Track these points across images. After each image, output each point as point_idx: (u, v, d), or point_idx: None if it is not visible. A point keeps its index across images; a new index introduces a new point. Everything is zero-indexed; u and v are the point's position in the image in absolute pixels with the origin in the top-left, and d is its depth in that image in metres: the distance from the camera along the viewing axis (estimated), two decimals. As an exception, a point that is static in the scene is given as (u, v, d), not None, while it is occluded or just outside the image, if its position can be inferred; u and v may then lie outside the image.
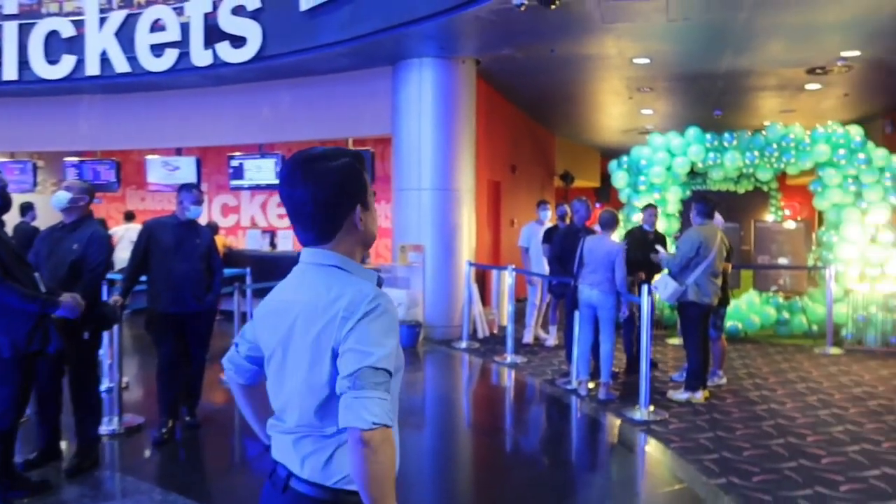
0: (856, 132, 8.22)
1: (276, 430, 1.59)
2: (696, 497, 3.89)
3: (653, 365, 5.77)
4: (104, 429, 4.63)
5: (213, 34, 8.32)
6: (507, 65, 8.46)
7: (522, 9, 5.95)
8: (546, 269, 8.17)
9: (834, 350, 7.81)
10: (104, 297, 4.56)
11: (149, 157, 10.74)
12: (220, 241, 9.00)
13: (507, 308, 7.80)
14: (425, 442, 5.16)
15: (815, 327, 8.46)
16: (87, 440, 4.20)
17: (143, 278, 4.74)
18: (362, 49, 7.73)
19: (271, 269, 8.20)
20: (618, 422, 5.28)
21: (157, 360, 4.79)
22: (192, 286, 4.66)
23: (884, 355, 7.65)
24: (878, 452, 4.60)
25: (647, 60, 8.30)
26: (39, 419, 4.22)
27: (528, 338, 8.16)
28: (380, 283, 1.56)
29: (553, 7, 5.88)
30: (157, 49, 8.66)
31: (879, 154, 8.09)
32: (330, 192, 1.52)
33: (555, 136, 14.89)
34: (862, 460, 4.45)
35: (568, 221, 7.49)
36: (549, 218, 8.41)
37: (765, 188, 14.69)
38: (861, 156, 8.09)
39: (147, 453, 4.59)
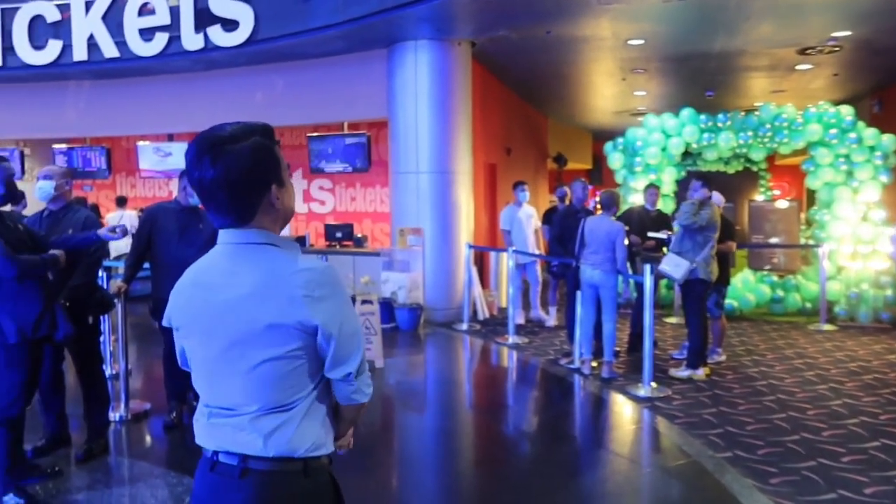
0: (847, 112, 8.29)
1: (219, 417, 1.52)
2: (704, 470, 3.96)
3: (653, 343, 5.83)
4: (112, 415, 4.63)
5: (204, 18, 8.18)
6: (502, 46, 8.43)
7: (521, -10, 5.92)
8: (533, 250, 8.20)
9: (828, 326, 7.94)
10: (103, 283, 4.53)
11: (140, 143, 10.62)
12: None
13: (507, 289, 7.83)
14: (429, 422, 5.20)
15: (808, 304, 8.58)
16: (97, 426, 4.20)
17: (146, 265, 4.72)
18: (356, 32, 7.66)
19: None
20: (622, 399, 5.36)
21: (162, 347, 4.78)
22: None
23: (875, 331, 7.78)
24: (876, 424, 4.70)
25: (641, 42, 8.29)
26: (43, 406, 4.19)
27: (519, 318, 7.97)
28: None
29: (551, -12, 5.85)
30: (147, 33, 8.51)
31: (869, 133, 8.16)
32: (243, 176, 1.45)
33: (547, 118, 14.87)
34: (861, 432, 4.55)
35: (567, 202, 7.52)
36: (527, 199, 8.41)
37: (754, 168, 14.82)
38: (852, 135, 8.16)
39: (157, 438, 4.60)
